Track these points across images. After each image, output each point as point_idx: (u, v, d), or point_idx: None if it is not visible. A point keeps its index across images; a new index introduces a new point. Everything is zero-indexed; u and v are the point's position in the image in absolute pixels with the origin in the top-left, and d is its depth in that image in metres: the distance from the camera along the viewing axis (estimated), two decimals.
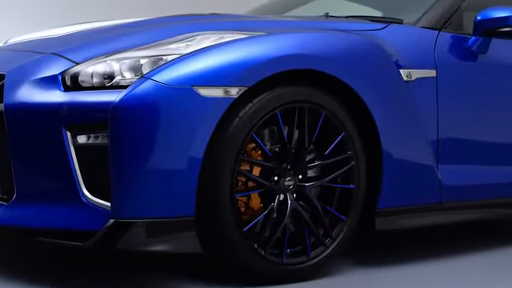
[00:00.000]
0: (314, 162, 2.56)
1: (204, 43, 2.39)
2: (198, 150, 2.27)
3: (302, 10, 3.97)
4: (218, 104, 2.29)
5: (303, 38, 2.53)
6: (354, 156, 2.61)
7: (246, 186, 2.46)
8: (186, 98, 2.26)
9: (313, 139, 2.53)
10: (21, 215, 2.33)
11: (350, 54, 2.58)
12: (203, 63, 2.31)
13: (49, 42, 2.67)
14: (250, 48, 2.39)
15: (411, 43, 2.86)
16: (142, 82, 2.26)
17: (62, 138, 2.28)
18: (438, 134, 2.84)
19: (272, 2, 3.97)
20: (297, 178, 2.53)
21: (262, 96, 2.39)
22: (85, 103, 2.28)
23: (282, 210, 2.50)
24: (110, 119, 2.22)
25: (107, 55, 2.39)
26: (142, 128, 2.22)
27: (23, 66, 2.44)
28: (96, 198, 2.27)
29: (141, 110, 2.22)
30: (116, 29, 2.73)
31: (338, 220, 2.61)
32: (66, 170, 2.28)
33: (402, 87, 2.73)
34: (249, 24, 2.70)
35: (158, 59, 2.34)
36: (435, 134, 2.84)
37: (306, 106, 2.49)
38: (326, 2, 4.08)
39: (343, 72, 2.53)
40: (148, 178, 2.23)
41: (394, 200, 2.74)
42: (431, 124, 2.83)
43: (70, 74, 2.36)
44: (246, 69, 2.34)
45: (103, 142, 2.26)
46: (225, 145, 2.33)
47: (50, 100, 2.31)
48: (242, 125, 2.35)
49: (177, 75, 2.27)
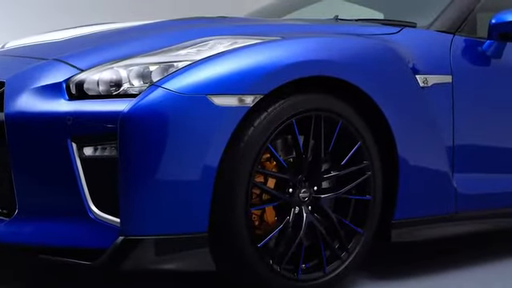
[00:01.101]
0: (329, 172, 2.45)
1: (216, 49, 2.26)
2: (211, 161, 2.15)
3: (303, 13, 3.88)
4: (233, 113, 2.17)
5: (320, 43, 2.41)
6: (370, 166, 2.49)
7: (261, 198, 2.34)
8: (199, 108, 2.13)
9: (329, 149, 2.41)
10: (23, 232, 2.19)
11: (367, 59, 2.47)
12: (217, 70, 2.18)
13: (50, 46, 2.54)
14: (264, 54, 2.27)
15: (426, 48, 2.76)
16: (153, 90, 2.13)
17: (67, 150, 2.15)
18: (453, 141, 2.75)
19: (271, 4, 3.85)
20: (312, 189, 2.42)
21: (278, 104, 2.27)
22: (91, 113, 2.15)
23: (296, 223, 2.38)
24: (119, 130, 2.09)
25: (114, 61, 2.26)
26: (152, 139, 2.10)
27: (24, 72, 2.30)
28: (104, 214, 2.14)
29: (152, 120, 2.10)
30: (121, 33, 2.59)
31: (354, 233, 2.50)
32: (71, 184, 2.15)
33: (418, 94, 2.62)
34: (261, 28, 2.58)
35: (168, 66, 2.21)
36: (451, 142, 2.74)
37: (322, 114, 2.37)
38: (326, 4, 4.00)
39: (360, 78, 2.42)
40: (160, 192, 2.10)
41: (410, 211, 2.64)
42: (447, 131, 2.73)
43: (74, 81, 2.22)
44: (262, 76, 2.22)
45: (111, 154, 2.14)
46: (239, 156, 2.21)
47: (54, 109, 2.18)
48: (257, 135, 2.23)
49: (189, 83, 2.14)
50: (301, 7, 3.86)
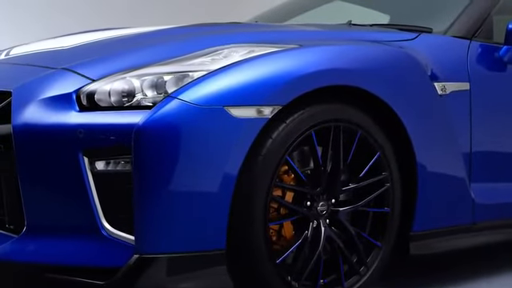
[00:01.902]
0: (347, 184, 2.36)
1: (231, 57, 2.18)
2: (229, 175, 2.06)
3: (311, 15, 3.80)
4: (251, 125, 2.09)
5: (339, 52, 2.33)
6: (389, 177, 2.41)
7: (279, 213, 2.26)
8: (216, 120, 2.04)
9: (347, 160, 2.33)
10: (32, 250, 2.10)
11: (387, 68, 2.40)
12: (234, 81, 2.10)
13: (57, 54, 2.44)
14: (283, 63, 2.19)
15: (444, 54, 2.68)
16: (168, 101, 2.04)
17: (78, 164, 2.05)
18: (470, 150, 2.67)
19: (279, 7, 3.77)
20: (330, 202, 2.33)
21: (297, 115, 2.19)
22: (104, 125, 2.06)
23: (314, 237, 2.30)
24: (133, 143, 2.00)
25: (126, 71, 2.17)
26: (168, 153, 2.01)
27: (32, 82, 2.20)
28: (117, 231, 2.05)
29: (167, 133, 2.01)
30: (131, 40, 2.50)
31: (373, 246, 2.42)
32: (83, 199, 2.05)
33: (437, 102, 2.54)
34: (277, 35, 2.49)
35: (182, 76, 2.12)
36: (468, 151, 2.66)
37: (341, 124, 2.29)
38: (333, 7, 3.92)
39: (380, 88, 2.34)
40: (176, 207, 2.02)
41: (429, 222, 2.57)
42: (464, 140, 2.65)
43: (85, 92, 2.13)
44: (280, 86, 2.14)
45: (125, 168, 2.04)
46: (257, 170, 2.12)
47: (65, 121, 2.08)
48: (276, 147, 2.15)
49: (206, 94, 2.05)
50: (308, 10, 3.78)
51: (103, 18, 5.76)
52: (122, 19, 5.64)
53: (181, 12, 6.02)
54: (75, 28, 5.58)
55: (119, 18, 5.81)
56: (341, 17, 3.90)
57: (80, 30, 5.31)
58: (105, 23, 5.71)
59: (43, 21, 5.58)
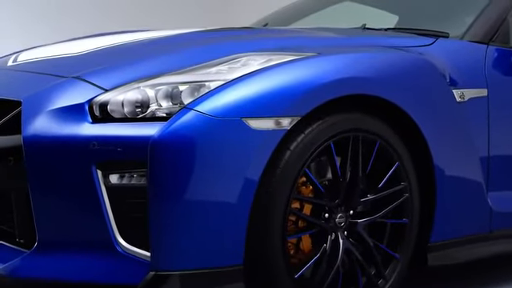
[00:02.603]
0: (366, 195, 2.30)
1: (249, 66, 2.11)
2: (247, 189, 2.00)
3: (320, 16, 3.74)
4: (269, 137, 2.02)
5: (358, 60, 2.27)
6: (407, 187, 2.35)
7: (296, 225, 2.19)
8: (234, 132, 1.98)
9: (366, 171, 2.27)
10: (44, 266, 2.03)
11: (406, 76, 2.34)
12: (251, 91, 2.03)
13: (68, 61, 2.36)
14: (301, 72, 2.12)
15: (462, 60, 2.62)
16: (185, 113, 1.97)
17: (91, 178, 1.98)
18: (488, 158, 2.61)
19: (287, 8, 3.70)
20: (348, 213, 2.27)
21: (315, 125, 2.13)
22: (118, 138, 1.99)
23: (333, 250, 2.24)
24: (148, 156, 1.93)
25: (140, 80, 2.10)
26: (185, 166, 1.94)
27: (42, 92, 2.13)
28: (133, 247, 1.98)
29: (184, 146, 1.94)
30: (145, 47, 2.42)
31: (391, 258, 2.36)
32: (97, 214, 1.99)
33: (455, 110, 2.49)
34: (293, 42, 2.42)
35: (199, 86, 2.05)
36: (486, 160, 2.60)
37: (360, 134, 2.23)
38: (343, 8, 3.86)
39: (400, 96, 2.28)
40: (194, 222, 1.96)
41: (447, 232, 2.51)
42: (482, 148, 2.60)
43: (98, 102, 2.06)
44: (300, 96, 2.07)
45: (140, 182, 1.98)
46: (275, 182, 2.05)
47: (77, 133, 2.01)
48: (294, 159, 2.08)
49: (223, 105, 1.99)
50: (317, 10, 3.72)
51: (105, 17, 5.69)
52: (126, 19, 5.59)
53: (182, 8, 5.95)
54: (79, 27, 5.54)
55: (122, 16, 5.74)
56: (351, 18, 3.86)
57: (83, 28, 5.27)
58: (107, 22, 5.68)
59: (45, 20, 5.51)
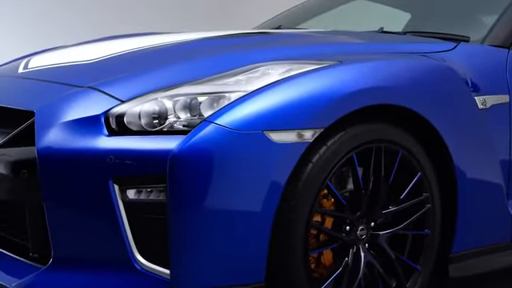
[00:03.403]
0: (387, 207, 2.24)
1: (269, 77, 2.04)
2: (269, 204, 1.94)
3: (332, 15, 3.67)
4: (292, 150, 1.96)
5: (380, 68, 2.20)
6: (429, 198, 2.30)
7: (318, 239, 2.13)
8: (256, 145, 1.92)
9: (388, 182, 2.21)
10: (59, 283, 1.97)
11: (429, 84, 2.27)
12: (273, 103, 1.97)
13: (81, 69, 2.29)
14: (323, 83, 2.06)
15: (483, 65, 2.55)
16: (205, 126, 1.91)
17: (108, 192, 1.92)
18: (509, 167, 2.55)
19: (305, 3, 3.63)
20: (369, 226, 2.22)
21: (338, 137, 2.06)
22: (136, 151, 1.92)
23: (354, 263, 2.18)
24: (168, 171, 1.87)
25: (157, 91, 2.03)
26: (206, 181, 1.88)
27: (56, 102, 2.07)
28: (152, 265, 1.93)
29: (205, 161, 1.88)
30: (161, 54, 2.35)
31: (412, 270, 2.31)
32: (114, 230, 1.93)
33: (478, 117, 2.42)
34: (313, 49, 2.35)
35: (218, 97, 1.99)
36: (507, 168, 2.55)
37: (382, 145, 2.17)
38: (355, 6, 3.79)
39: (423, 105, 2.22)
40: (215, 238, 1.90)
41: (469, 242, 2.46)
42: (504, 156, 2.54)
43: (114, 114, 1.99)
44: (322, 108, 2.01)
45: (159, 197, 1.92)
46: (297, 196, 2.00)
47: (93, 146, 1.95)
48: (316, 172, 2.02)
49: (244, 118, 1.92)
50: (330, 9, 3.65)
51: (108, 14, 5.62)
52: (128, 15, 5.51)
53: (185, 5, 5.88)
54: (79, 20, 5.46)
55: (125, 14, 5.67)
56: (364, 17, 3.79)
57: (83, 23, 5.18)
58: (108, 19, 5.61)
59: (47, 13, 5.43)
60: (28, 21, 5.44)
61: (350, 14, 3.79)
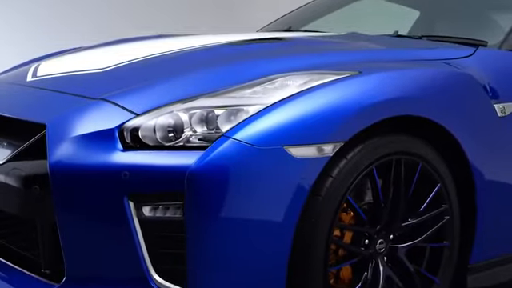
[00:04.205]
0: (407, 219, 2.19)
1: (287, 89, 1.98)
2: (289, 221, 1.89)
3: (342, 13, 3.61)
4: (312, 165, 1.91)
5: (400, 78, 2.14)
6: (449, 209, 2.25)
7: (337, 254, 2.09)
8: (275, 161, 1.86)
9: (408, 195, 2.16)
10: None
11: (449, 93, 2.22)
12: (292, 117, 1.91)
13: (93, 79, 2.22)
14: (343, 94, 2.00)
15: (502, 71, 2.50)
16: (223, 141, 1.85)
17: (123, 209, 1.87)
18: None
19: (311, 4, 3.57)
20: (388, 239, 2.17)
21: (358, 150, 2.01)
22: (152, 167, 1.86)
23: (373, 277, 2.14)
24: (186, 188, 1.81)
25: (173, 103, 1.97)
26: (224, 199, 1.83)
27: (68, 114, 2.00)
28: (168, 283, 1.87)
29: (224, 178, 1.82)
30: (173, 63, 2.28)
31: (431, 283, 2.26)
32: (129, 248, 1.87)
33: (497, 125, 2.37)
34: (331, 58, 2.28)
35: (235, 110, 1.93)
36: None
37: (402, 157, 2.11)
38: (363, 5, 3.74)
39: (444, 116, 2.17)
40: (233, 257, 1.85)
41: (487, 252, 2.41)
42: None
43: (129, 128, 1.93)
44: (342, 121, 1.95)
45: (175, 214, 1.86)
46: (317, 212, 1.94)
47: (108, 161, 1.89)
48: (337, 186, 1.97)
49: (264, 133, 1.87)
50: (339, 8, 3.59)
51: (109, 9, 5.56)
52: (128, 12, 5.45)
53: None
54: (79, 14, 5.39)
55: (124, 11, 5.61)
56: (374, 15, 3.74)
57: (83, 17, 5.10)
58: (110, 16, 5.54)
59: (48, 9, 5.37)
60: (29, 12, 5.36)
61: (360, 12, 3.74)
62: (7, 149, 2.11)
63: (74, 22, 5.35)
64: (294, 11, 3.54)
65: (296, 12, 3.50)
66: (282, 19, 3.47)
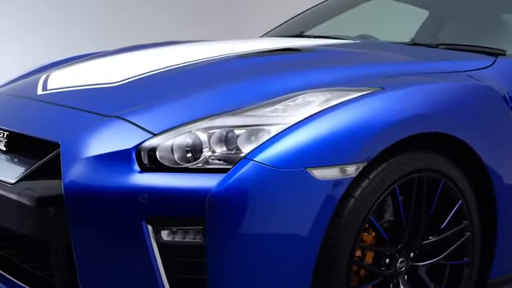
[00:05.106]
0: (428, 237, 2.15)
1: (308, 107, 1.93)
2: (312, 245, 1.85)
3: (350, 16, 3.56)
4: (335, 186, 1.86)
5: (423, 94, 2.09)
6: (470, 226, 2.20)
7: (358, 275, 2.04)
8: (298, 183, 1.81)
9: (430, 212, 2.11)
10: None
11: (471, 108, 2.18)
12: (315, 138, 1.85)
13: (107, 94, 2.15)
14: (366, 113, 1.94)
15: None
16: (245, 164, 1.80)
17: (141, 233, 1.81)
18: None
19: (322, 5, 3.50)
20: (409, 257, 2.12)
21: (380, 169, 1.96)
22: (171, 190, 1.81)
23: None
24: (206, 212, 1.76)
25: (191, 122, 1.91)
26: (247, 223, 1.78)
27: (82, 133, 1.94)
28: None
29: (246, 202, 1.77)
30: (190, 77, 2.20)
31: None
32: (147, 272, 1.82)
33: None
34: (349, 71, 2.22)
35: (256, 130, 1.87)
36: None
37: (424, 175, 2.07)
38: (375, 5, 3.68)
39: (467, 132, 2.13)
40: (256, 283, 1.80)
41: (506, 267, 2.37)
42: None
43: (146, 149, 1.87)
44: (366, 141, 1.90)
45: (196, 239, 1.81)
46: (339, 234, 1.90)
47: (125, 183, 1.83)
48: (359, 207, 1.92)
49: (286, 155, 1.81)
50: (350, 9, 3.54)
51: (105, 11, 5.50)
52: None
53: None
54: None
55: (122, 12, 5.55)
56: (383, 16, 3.68)
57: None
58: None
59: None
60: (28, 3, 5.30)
61: (371, 13, 3.68)
62: (19, 166, 2.06)
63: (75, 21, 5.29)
64: (303, 13, 3.47)
65: (306, 14, 3.44)
66: (292, 22, 3.41)
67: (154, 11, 5.67)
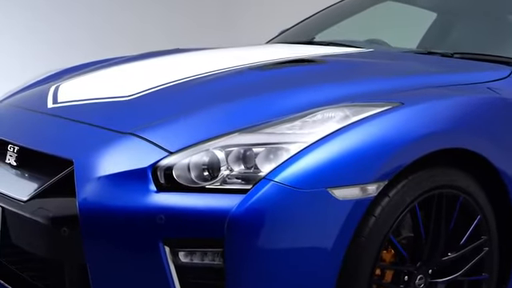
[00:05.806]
0: (446, 254, 2.11)
1: (328, 124, 1.88)
2: (333, 264, 1.81)
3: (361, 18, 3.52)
4: (355, 206, 1.82)
5: (443, 109, 2.05)
6: (488, 241, 2.17)
7: None
8: (319, 204, 1.78)
9: (449, 229, 2.08)
10: None
11: (490, 123, 2.15)
12: (335, 157, 1.82)
13: (120, 109, 2.10)
14: (386, 130, 1.91)
15: None
16: (264, 184, 1.76)
17: (158, 255, 1.78)
18: None
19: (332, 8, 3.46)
20: (428, 274, 2.09)
21: (400, 186, 1.92)
22: (189, 210, 1.77)
23: None
24: (226, 233, 1.72)
25: (208, 140, 1.87)
26: (269, 244, 1.75)
27: (96, 151, 1.90)
28: None
29: (268, 222, 1.74)
30: (207, 91, 2.15)
31: None
32: None
33: None
34: (367, 86, 2.17)
35: (275, 148, 1.83)
36: None
37: (444, 191, 2.03)
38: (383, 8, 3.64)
39: (485, 147, 2.10)
40: None
41: None
42: None
43: (163, 168, 1.83)
44: (386, 159, 1.87)
45: (214, 261, 1.77)
46: (359, 253, 1.86)
47: (141, 204, 1.79)
48: (379, 226, 1.89)
49: (307, 176, 1.78)
50: (359, 11, 3.50)
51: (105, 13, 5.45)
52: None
53: None
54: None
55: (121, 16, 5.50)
56: (393, 19, 3.64)
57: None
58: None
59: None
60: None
61: (380, 16, 3.64)
62: (30, 182, 2.01)
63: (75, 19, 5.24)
64: (312, 16, 3.43)
65: (315, 18, 3.39)
66: (299, 26, 3.36)
67: (154, 11, 5.61)
